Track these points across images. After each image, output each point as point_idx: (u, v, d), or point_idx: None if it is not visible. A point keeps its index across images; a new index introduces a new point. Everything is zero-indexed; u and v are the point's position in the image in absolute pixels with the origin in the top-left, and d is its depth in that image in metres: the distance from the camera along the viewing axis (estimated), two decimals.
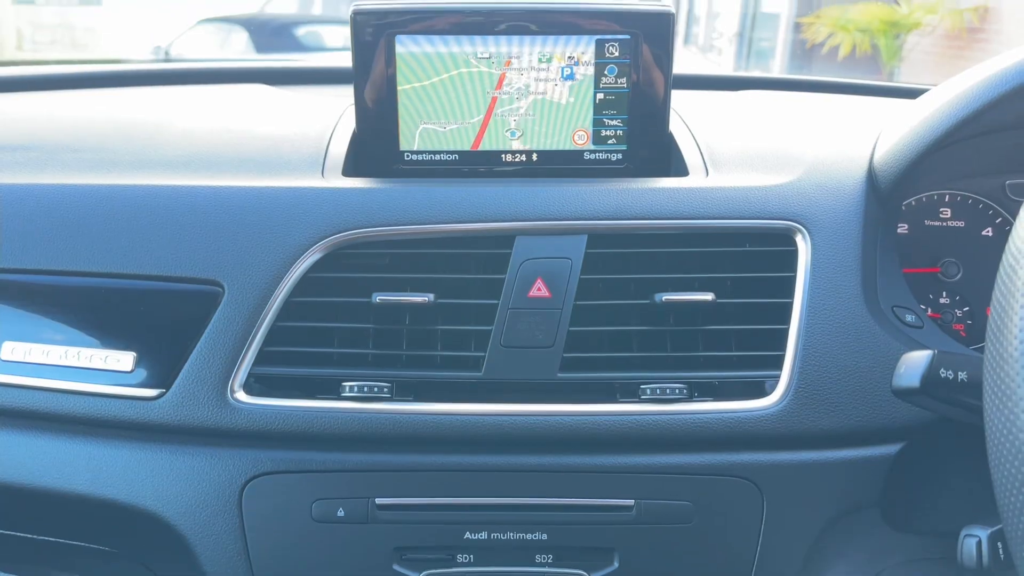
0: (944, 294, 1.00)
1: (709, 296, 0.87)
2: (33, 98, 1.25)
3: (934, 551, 0.95)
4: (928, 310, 1.00)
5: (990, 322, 0.58)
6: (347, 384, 0.86)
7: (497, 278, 0.88)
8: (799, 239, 0.90)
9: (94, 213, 0.90)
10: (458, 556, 0.90)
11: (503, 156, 0.99)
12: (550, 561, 0.90)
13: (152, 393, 0.87)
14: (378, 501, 0.87)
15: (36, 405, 0.89)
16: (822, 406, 0.86)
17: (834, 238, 0.90)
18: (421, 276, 0.88)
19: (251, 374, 0.87)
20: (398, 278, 0.89)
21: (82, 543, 0.97)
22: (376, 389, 0.86)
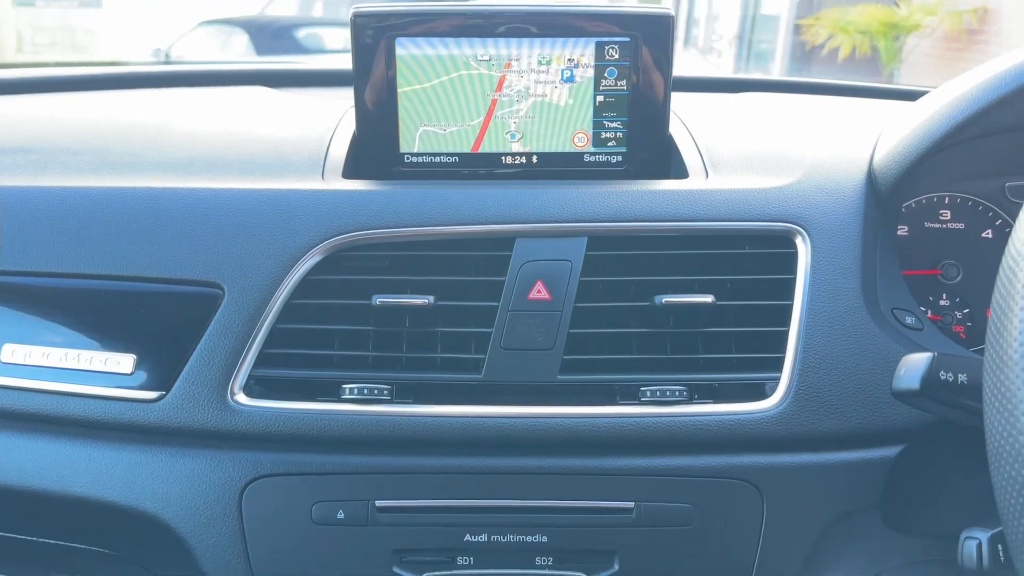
0: (944, 296, 1.00)
1: (709, 298, 0.87)
2: (33, 100, 1.25)
3: (934, 553, 0.94)
4: (928, 312, 1.00)
5: (990, 324, 0.58)
6: (347, 386, 0.86)
7: (497, 280, 0.88)
8: (799, 241, 0.90)
9: (94, 215, 0.90)
10: (458, 558, 0.90)
11: (503, 158, 0.99)
12: (550, 563, 0.90)
13: (152, 395, 0.87)
14: (378, 503, 0.87)
15: (36, 407, 0.89)
16: (822, 408, 0.86)
17: (834, 240, 0.90)
18: (421, 278, 0.88)
19: (251, 376, 0.87)
20: (398, 280, 0.89)
21: (82, 545, 0.97)
22: (376, 391, 0.86)
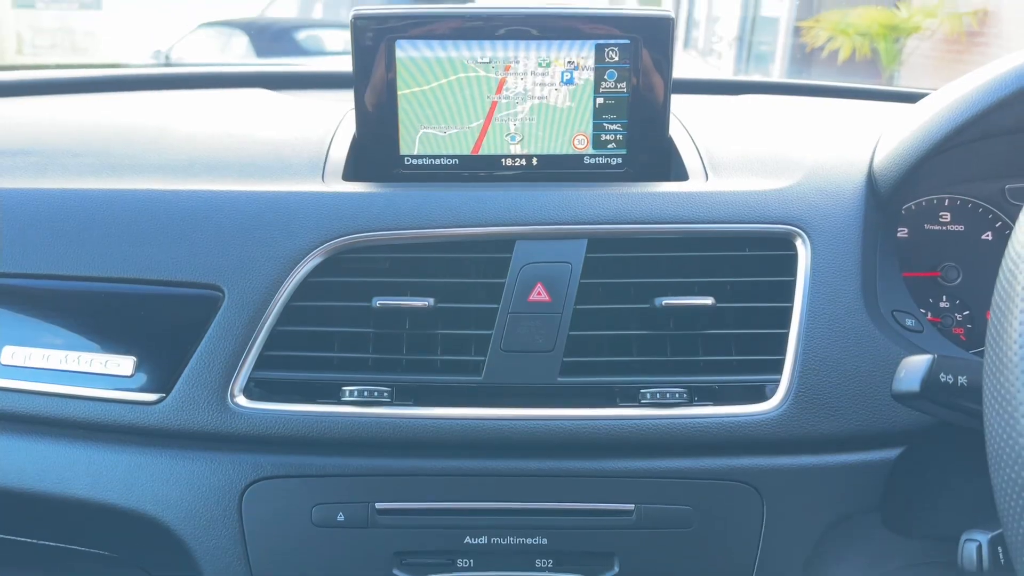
0: (944, 298, 1.00)
1: (709, 300, 0.87)
2: (34, 103, 1.25)
3: (934, 555, 0.94)
4: (928, 314, 1.00)
5: (990, 326, 0.58)
6: (347, 388, 0.86)
7: (497, 282, 0.88)
8: (799, 243, 0.90)
9: (95, 217, 0.90)
10: (458, 561, 0.89)
11: (503, 160, 0.99)
12: (550, 566, 0.90)
13: (152, 397, 0.87)
14: (378, 506, 0.87)
15: (36, 409, 0.88)
16: (822, 410, 0.86)
17: (834, 242, 0.90)
18: (421, 280, 0.88)
19: (251, 378, 0.87)
20: (398, 282, 0.89)
21: (82, 548, 0.97)
22: (376, 393, 0.86)
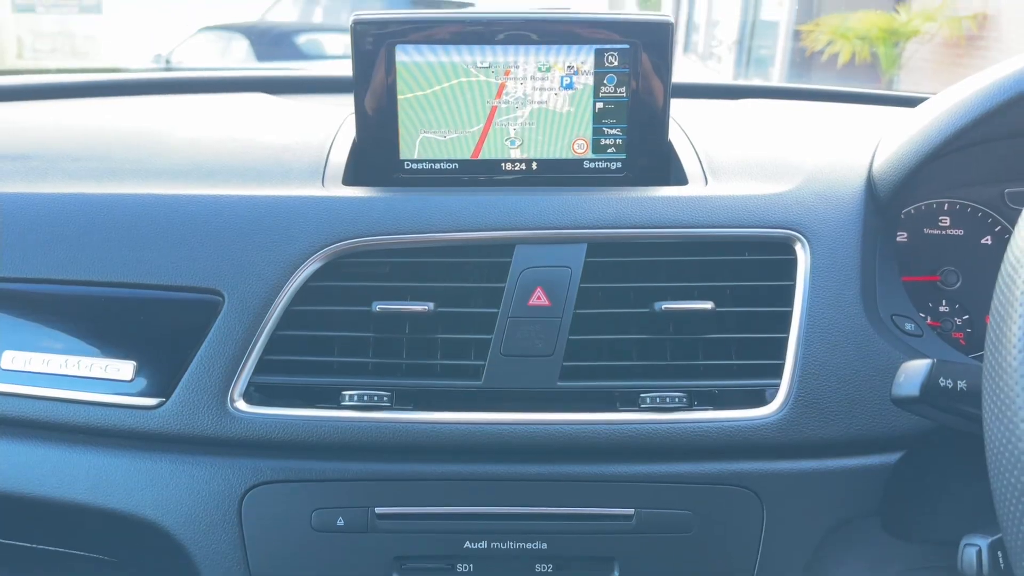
0: (943, 302, 1.00)
1: (708, 305, 0.87)
2: (34, 107, 1.25)
3: (934, 560, 0.94)
4: (927, 318, 1.00)
5: (989, 331, 0.59)
6: (347, 393, 0.86)
7: (497, 287, 0.88)
8: (798, 248, 0.90)
9: (95, 222, 0.90)
10: (458, 565, 0.89)
11: (503, 165, 0.99)
12: (550, 570, 0.90)
13: (152, 402, 0.87)
14: (378, 510, 0.87)
15: (36, 414, 0.88)
16: (822, 415, 0.86)
17: (833, 247, 0.90)
18: (421, 285, 0.89)
19: (251, 383, 0.87)
20: (398, 287, 0.89)
21: (82, 552, 0.97)
22: (376, 398, 0.86)
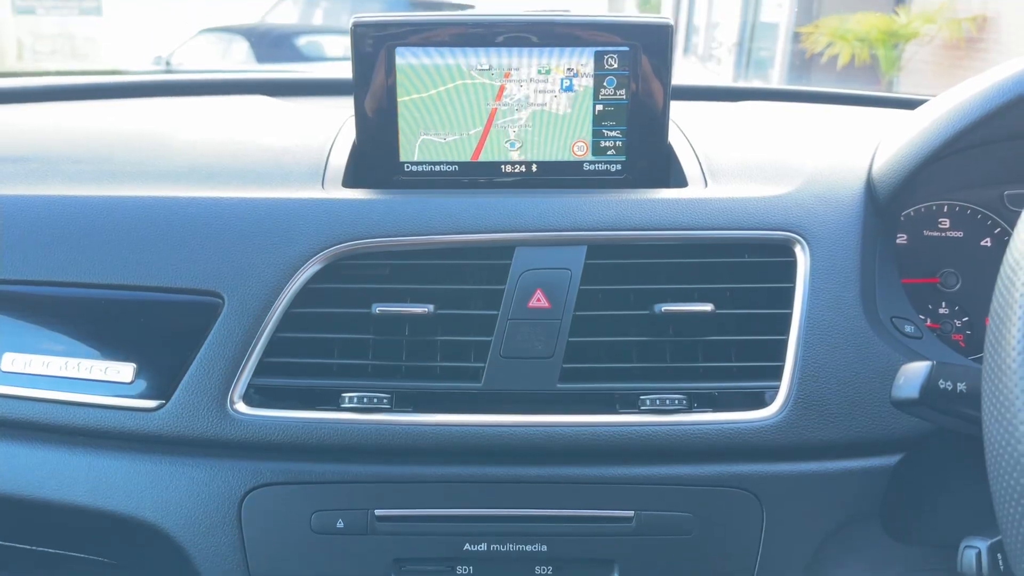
0: (943, 304, 1.01)
1: (708, 307, 0.87)
2: (34, 109, 1.26)
3: (934, 562, 0.94)
4: (927, 320, 1.00)
5: (989, 333, 0.59)
6: (347, 395, 0.86)
7: (497, 289, 0.88)
8: (798, 250, 0.90)
9: (95, 224, 0.90)
10: (458, 568, 0.89)
11: (503, 167, 0.99)
12: (550, 573, 0.90)
13: (152, 404, 0.87)
14: (377, 512, 0.87)
15: (36, 416, 0.88)
16: (821, 417, 0.86)
17: (833, 249, 0.90)
18: (421, 287, 0.89)
19: (251, 385, 0.87)
20: (398, 289, 0.89)
21: (82, 554, 0.97)
22: (376, 400, 0.86)
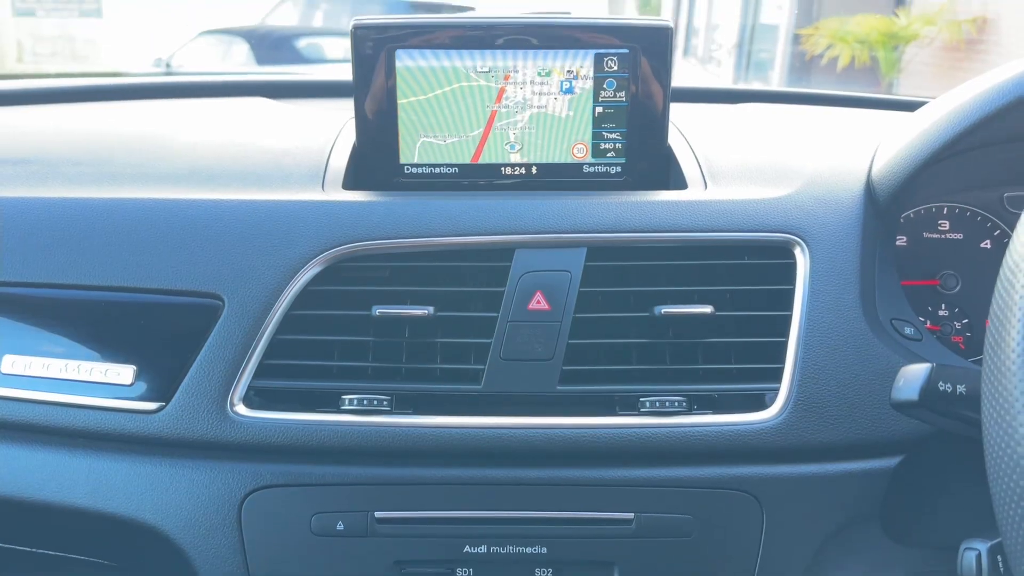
0: (943, 306, 1.01)
1: (708, 309, 0.87)
2: (34, 111, 1.26)
3: (934, 564, 0.94)
4: (927, 322, 1.00)
5: (988, 335, 0.59)
6: (347, 397, 0.86)
7: (497, 291, 0.88)
8: (798, 252, 0.90)
9: (95, 226, 0.90)
10: (458, 570, 0.89)
11: (503, 169, 0.99)
12: (550, 575, 0.90)
13: (152, 406, 0.87)
14: (377, 515, 0.87)
15: (36, 418, 0.88)
16: (821, 419, 0.86)
17: (833, 251, 0.90)
18: (421, 289, 0.89)
19: (251, 387, 0.87)
20: (398, 291, 0.89)
21: (82, 557, 0.97)
22: (376, 402, 0.86)
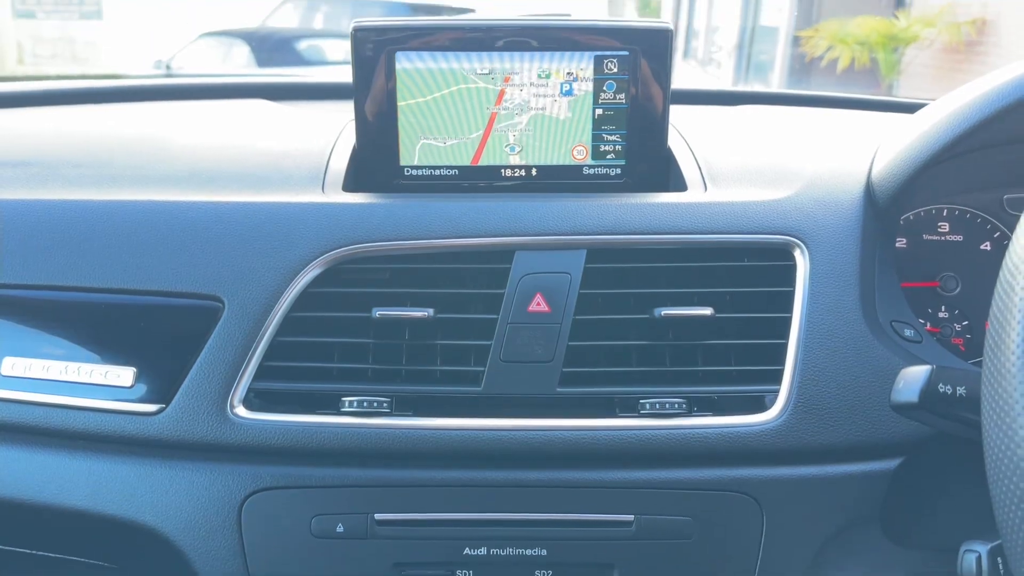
0: (943, 308, 1.01)
1: (708, 311, 0.87)
2: (34, 113, 1.26)
3: (934, 566, 0.94)
4: (927, 324, 1.00)
5: (988, 336, 0.59)
6: (346, 399, 0.86)
7: (496, 293, 0.88)
8: (797, 254, 0.90)
9: (95, 229, 0.90)
10: (458, 572, 0.89)
11: (503, 171, 0.99)
12: None
13: (152, 408, 0.87)
14: (377, 517, 0.87)
15: (36, 420, 0.88)
16: (821, 421, 0.86)
17: (832, 253, 0.90)
18: (421, 291, 0.89)
19: (251, 389, 0.87)
20: (398, 293, 0.89)
21: (82, 559, 0.97)
22: (376, 404, 0.86)
